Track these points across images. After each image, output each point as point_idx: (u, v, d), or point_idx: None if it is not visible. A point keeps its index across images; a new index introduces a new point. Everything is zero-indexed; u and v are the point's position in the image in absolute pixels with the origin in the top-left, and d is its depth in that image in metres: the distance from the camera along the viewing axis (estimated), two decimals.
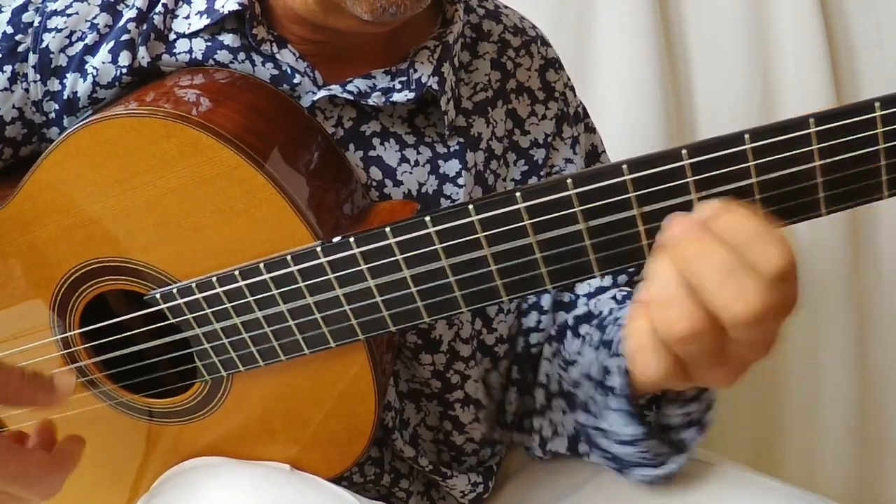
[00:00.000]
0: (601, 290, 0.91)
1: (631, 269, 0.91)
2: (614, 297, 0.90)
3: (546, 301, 0.92)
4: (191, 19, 0.80)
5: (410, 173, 0.83)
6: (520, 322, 0.94)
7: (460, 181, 0.85)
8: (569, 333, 0.89)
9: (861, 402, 1.72)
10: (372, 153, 0.83)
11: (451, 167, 0.85)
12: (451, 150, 0.85)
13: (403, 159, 0.83)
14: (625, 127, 1.53)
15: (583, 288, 0.92)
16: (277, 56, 0.80)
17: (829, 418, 1.72)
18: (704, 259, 0.52)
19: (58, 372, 0.68)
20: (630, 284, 0.93)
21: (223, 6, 0.78)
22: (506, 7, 0.96)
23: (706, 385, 0.60)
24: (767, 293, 0.51)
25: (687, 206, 0.56)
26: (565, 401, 0.90)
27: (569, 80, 0.96)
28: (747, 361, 0.57)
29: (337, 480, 0.79)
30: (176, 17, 0.81)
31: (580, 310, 0.90)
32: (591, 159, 0.97)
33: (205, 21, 0.78)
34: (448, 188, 0.85)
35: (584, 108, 0.98)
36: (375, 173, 0.83)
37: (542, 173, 0.91)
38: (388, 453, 0.92)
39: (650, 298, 0.55)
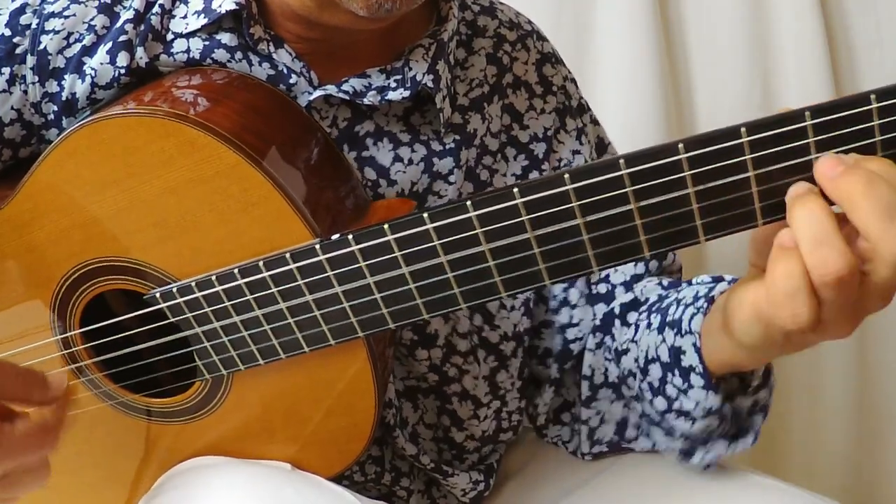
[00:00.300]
0: (637, 278, 0.92)
1: (660, 255, 0.92)
2: (660, 284, 0.90)
3: (574, 296, 0.92)
4: (188, 19, 0.80)
5: (404, 172, 0.84)
6: (553, 320, 0.94)
7: (451, 178, 0.85)
8: (616, 322, 0.90)
9: (861, 402, 1.72)
10: (365, 153, 0.83)
11: (445, 165, 0.85)
12: (447, 147, 0.85)
13: (397, 158, 0.83)
14: (625, 126, 1.53)
15: (617, 277, 0.92)
16: (274, 56, 0.80)
17: (829, 418, 1.72)
18: (872, 195, 0.52)
19: (52, 371, 0.68)
20: (661, 270, 0.93)
21: (220, 6, 0.78)
22: (501, 3, 0.96)
23: (825, 337, 0.59)
24: None
25: (684, 200, 0.56)
26: (611, 390, 0.91)
27: (569, 73, 0.96)
28: (870, 310, 0.58)
29: (338, 479, 0.79)
30: (173, 17, 0.81)
31: (624, 298, 0.90)
32: (599, 151, 0.97)
33: (202, 21, 0.79)
34: (438, 185, 0.85)
35: (586, 101, 0.98)
36: (369, 173, 0.83)
37: (544, 167, 0.91)
38: (389, 452, 0.92)
39: (802, 239, 0.54)
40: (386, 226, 0.62)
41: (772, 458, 1.73)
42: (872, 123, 0.54)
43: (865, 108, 0.54)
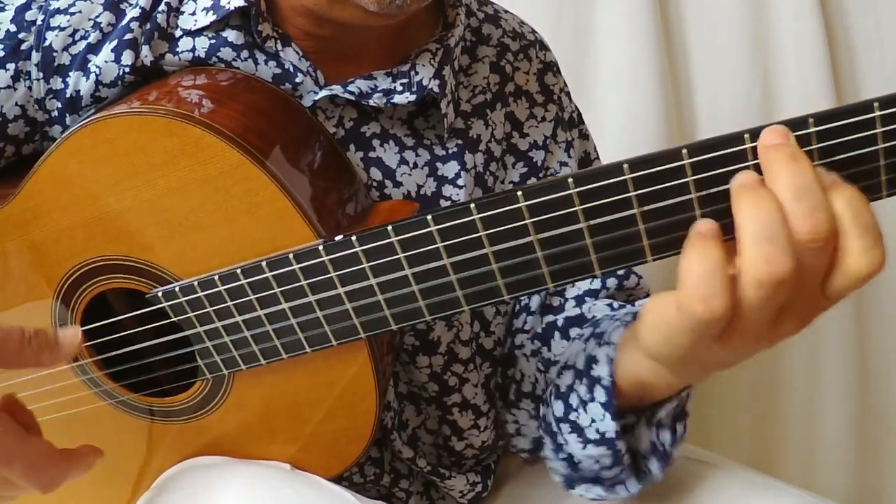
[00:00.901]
0: (590, 294, 0.90)
1: (620, 273, 0.91)
2: (610, 305, 0.88)
3: (535, 302, 0.91)
4: (196, 16, 0.80)
5: (409, 175, 0.84)
6: (511, 323, 0.93)
7: (460, 182, 0.85)
8: (556, 335, 0.89)
9: (861, 402, 1.72)
10: (372, 154, 0.83)
11: (450, 169, 0.85)
12: (450, 152, 0.85)
13: (402, 161, 0.84)
14: (625, 127, 1.53)
15: (571, 291, 0.91)
16: (281, 54, 0.80)
17: (829, 418, 1.72)
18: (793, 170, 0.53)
19: (63, 328, 0.64)
20: (619, 288, 0.91)
21: (229, 2, 0.78)
22: (505, 11, 0.96)
23: (734, 353, 0.58)
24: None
25: (687, 206, 0.56)
26: (533, 403, 0.90)
27: (565, 84, 0.96)
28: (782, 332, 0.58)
29: (337, 480, 0.79)
30: (181, 13, 0.81)
31: (571, 312, 0.89)
32: (583, 166, 0.96)
33: (210, 17, 0.79)
34: (447, 189, 0.85)
35: (578, 114, 0.98)
36: (375, 174, 0.83)
37: (540, 175, 0.91)
38: (388, 453, 0.92)
39: (747, 232, 0.53)
40: (389, 227, 0.62)
41: (771, 458, 1.74)
42: (875, 131, 0.54)
43: (869, 115, 0.54)
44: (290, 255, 0.66)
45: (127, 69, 0.79)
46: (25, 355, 0.61)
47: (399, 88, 0.81)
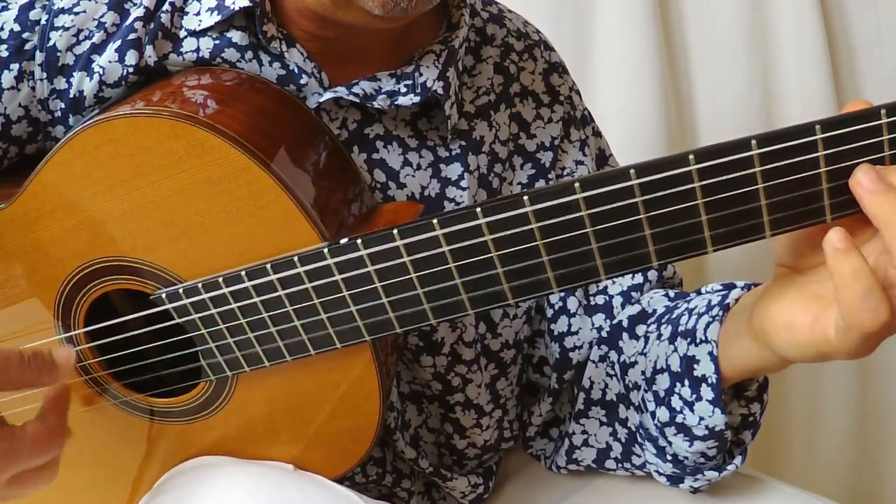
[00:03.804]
0: (634, 289, 0.91)
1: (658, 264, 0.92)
2: (666, 295, 0.89)
3: (573, 304, 0.91)
4: (201, 16, 0.80)
5: (413, 176, 0.84)
6: (549, 328, 0.93)
7: (463, 184, 0.85)
8: (625, 335, 0.88)
9: (861, 402, 1.72)
10: (375, 156, 0.83)
11: (453, 170, 0.85)
12: (453, 153, 0.85)
13: (406, 162, 0.83)
14: (625, 127, 1.53)
15: (614, 288, 0.91)
16: (286, 55, 0.80)
17: (829, 418, 1.72)
18: None
19: (56, 348, 0.65)
20: (660, 280, 0.93)
21: (233, 3, 0.77)
22: (509, 11, 0.96)
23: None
24: None
25: (693, 211, 0.57)
26: (605, 410, 0.90)
27: (574, 84, 0.96)
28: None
29: (339, 480, 0.79)
30: (186, 14, 0.81)
31: (631, 310, 0.89)
32: (600, 163, 0.97)
33: (215, 18, 0.78)
34: (451, 191, 0.85)
35: (589, 113, 0.98)
36: (379, 176, 0.83)
37: (550, 176, 0.91)
38: (390, 453, 0.92)
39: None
40: (395, 231, 0.62)
41: (771, 458, 1.74)
42: (882, 138, 0.54)
43: (875, 122, 0.54)
44: (295, 258, 0.66)
45: (131, 69, 0.79)
46: (27, 377, 0.62)
47: (403, 90, 0.81)
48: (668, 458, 0.81)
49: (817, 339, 0.59)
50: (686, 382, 0.76)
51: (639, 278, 0.91)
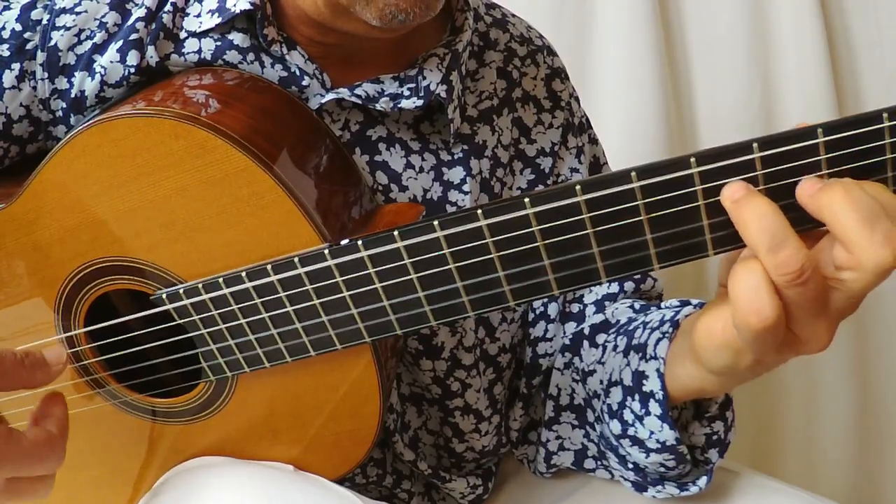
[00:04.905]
0: (609, 298, 0.91)
1: (637, 276, 0.91)
2: (631, 307, 0.89)
3: (553, 310, 0.92)
4: (202, 18, 0.80)
5: (415, 179, 0.84)
6: (526, 332, 0.93)
7: (465, 188, 0.85)
8: (585, 343, 0.89)
9: (861, 402, 1.72)
10: (378, 158, 0.83)
11: (456, 174, 0.85)
12: (455, 157, 0.85)
13: (408, 165, 0.83)
14: (625, 128, 1.53)
15: (589, 297, 0.92)
16: (287, 57, 0.80)
17: (829, 418, 1.72)
18: (850, 203, 0.52)
19: (47, 348, 0.66)
20: (636, 291, 0.92)
21: (234, 5, 0.77)
22: (513, 16, 0.96)
23: (801, 351, 0.59)
24: None
25: (695, 214, 0.57)
26: (575, 414, 0.90)
27: (574, 90, 0.96)
28: (842, 317, 0.57)
29: (339, 482, 0.79)
30: (187, 15, 0.81)
31: (594, 319, 0.90)
32: (593, 171, 0.97)
33: (216, 20, 0.78)
34: (453, 195, 0.85)
35: (587, 120, 0.98)
36: (381, 178, 0.83)
37: (548, 182, 0.91)
38: (390, 455, 0.92)
39: (756, 242, 0.54)
40: (396, 232, 0.62)
41: (771, 458, 1.74)
42: (884, 142, 0.54)
43: (878, 126, 0.54)
44: (296, 259, 0.66)
45: (132, 69, 0.79)
46: (21, 376, 0.62)
47: (406, 93, 0.81)
48: (630, 466, 0.82)
49: (728, 339, 0.59)
50: (636, 397, 0.76)
51: (614, 287, 0.91)
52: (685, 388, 0.72)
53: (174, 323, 0.73)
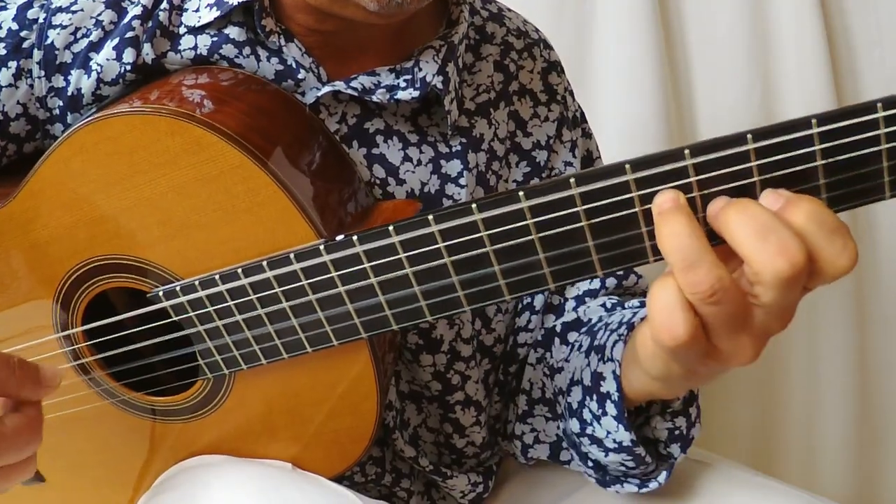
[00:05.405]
0: (589, 294, 0.91)
1: (619, 273, 0.91)
2: (603, 305, 0.90)
3: (539, 301, 0.92)
4: (200, 12, 0.80)
5: (413, 172, 0.84)
6: (513, 321, 0.94)
7: (462, 181, 0.85)
8: (556, 340, 0.90)
9: (861, 402, 1.72)
10: (375, 151, 0.83)
11: (453, 167, 0.85)
12: (453, 150, 0.85)
13: (406, 158, 0.83)
14: (625, 127, 1.53)
15: (571, 292, 0.92)
16: (284, 50, 0.80)
17: (829, 418, 1.72)
18: (743, 218, 0.53)
19: (45, 364, 0.64)
20: (618, 287, 0.93)
21: None
22: (509, 10, 0.96)
23: (728, 364, 0.59)
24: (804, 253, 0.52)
25: (691, 205, 0.56)
26: (547, 407, 0.91)
27: (569, 84, 0.96)
28: (769, 332, 0.57)
29: (338, 480, 0.79)
30: (185, 11, 0.81)
31: (568, 316, 0.90)
32: (585, 164, 0.97)
33: (214, 13, 0.78)
34: (450, 188, 0.85)
35: (582, 113, 0.98)
36: (378, 171, 0.83)
37: (543, 175, 0.91)
38: (390, 453, 0.92)
39: (670, 258, 0.54)
40: (391, 227, 0.62)
41: (771, 458, 1.74)
42: (878, 132, 0.54)
43: (872, 116, 0.54)
44: (291, 255, 0.66)
45: (128, 67, 0.79)
46: (9, 385, 0.60)
47: (402, 85, 0.81)
48: (591, 463, 0.83)
49: (655, 350, 0.59)
50: (594, 397, 0.77)
51: (596, 283, 0.91)
52: (637, 390, 0.73)
53: (171, 320, 0.73)
